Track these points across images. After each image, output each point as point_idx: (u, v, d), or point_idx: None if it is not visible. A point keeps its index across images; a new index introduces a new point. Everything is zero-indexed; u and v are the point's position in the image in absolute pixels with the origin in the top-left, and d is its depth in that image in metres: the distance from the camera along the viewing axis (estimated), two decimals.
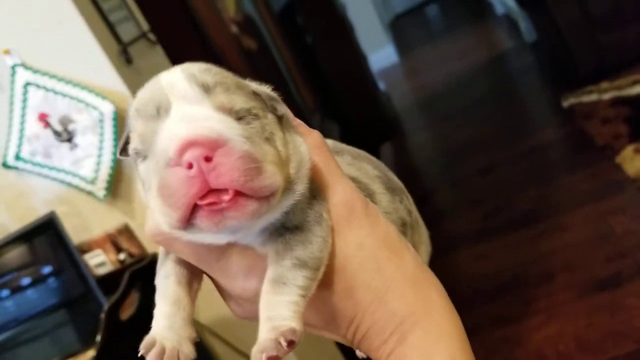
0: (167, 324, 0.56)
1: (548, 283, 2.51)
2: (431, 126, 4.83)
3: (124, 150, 0.56)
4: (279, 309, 0.51)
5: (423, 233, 0.73)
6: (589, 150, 3.20)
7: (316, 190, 0.56)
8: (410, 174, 4.05)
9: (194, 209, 0.48)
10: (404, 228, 0.66)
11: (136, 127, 0.52)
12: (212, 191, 0.47)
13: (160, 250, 0.60)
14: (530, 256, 2.71)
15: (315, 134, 0.59)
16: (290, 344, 0.49)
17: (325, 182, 0.57)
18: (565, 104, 3.71)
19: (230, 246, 0.55)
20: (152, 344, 0.54)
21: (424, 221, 0.73)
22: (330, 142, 0.64)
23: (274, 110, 0.56)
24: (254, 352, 0.49)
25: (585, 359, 2.12)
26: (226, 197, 0.48)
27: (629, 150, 2.95)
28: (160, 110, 0.50)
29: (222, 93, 0.51)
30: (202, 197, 0.47)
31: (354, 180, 0.61)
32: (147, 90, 0.53)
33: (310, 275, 0.53)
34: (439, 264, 0.68)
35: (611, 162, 2.96)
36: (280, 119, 0.56)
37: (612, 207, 2.72)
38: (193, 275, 0.59)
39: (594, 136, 3.25)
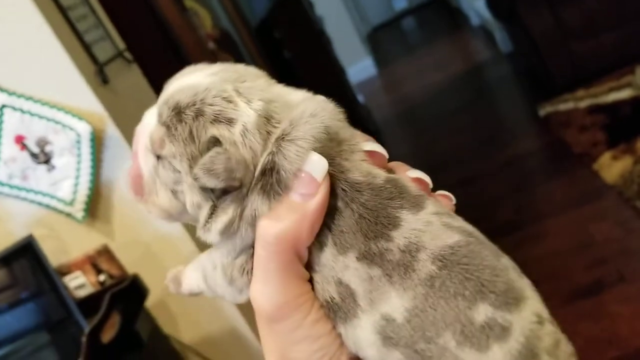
0: None
1: None
2: (411, 138, 4.85)
3: None
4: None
5: None
6: (567, 158, 3.23)
7: None
8: None
9: None
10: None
11: None
12: None
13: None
14: None
15: None
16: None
17: None
18: (542, 112, 3.74)
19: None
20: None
21: None
22: None
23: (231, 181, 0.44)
24: None
25: None
26: None
27: (606, 157, 2.98)
28: None
29: (175, 125, 0.46)
30: None
31: None
32: None
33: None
34: None
35: (589, 169, 2.99)
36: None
37: (592, 214, 2.75)
38: None
39: (572, 144, 3.28)
